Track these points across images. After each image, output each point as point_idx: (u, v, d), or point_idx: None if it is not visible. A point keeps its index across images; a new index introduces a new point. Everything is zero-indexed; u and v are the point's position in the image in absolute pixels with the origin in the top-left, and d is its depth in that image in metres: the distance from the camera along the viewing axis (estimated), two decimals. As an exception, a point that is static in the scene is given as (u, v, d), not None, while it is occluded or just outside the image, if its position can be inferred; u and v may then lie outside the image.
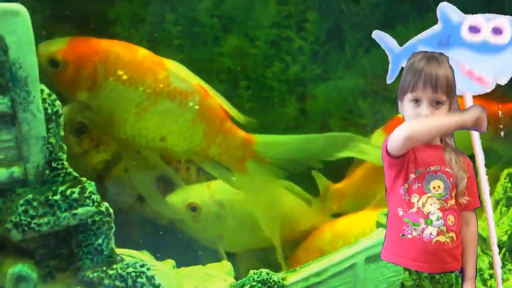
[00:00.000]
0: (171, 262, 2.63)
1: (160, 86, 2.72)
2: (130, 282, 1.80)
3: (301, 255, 3.03)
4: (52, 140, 1.77)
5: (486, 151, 3.48)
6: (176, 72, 2.79)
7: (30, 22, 1.71)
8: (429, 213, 1.84)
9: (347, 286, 2.39)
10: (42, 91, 1.74)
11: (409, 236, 1.84)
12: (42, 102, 1.74)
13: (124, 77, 2.69)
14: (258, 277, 2.13)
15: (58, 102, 1.80)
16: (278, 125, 3.80)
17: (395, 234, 1.87)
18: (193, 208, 3.01)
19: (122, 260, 1.82)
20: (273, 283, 2.13)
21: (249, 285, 2.12)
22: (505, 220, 3.04)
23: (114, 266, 1.79)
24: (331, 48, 3.85)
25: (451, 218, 1.86)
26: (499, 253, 2.91)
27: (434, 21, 4.05)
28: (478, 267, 2.77)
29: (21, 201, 1.70)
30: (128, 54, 2.74)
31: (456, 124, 1.81)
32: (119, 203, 3.17)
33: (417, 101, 1.85)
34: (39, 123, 1.73)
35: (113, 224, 1.84)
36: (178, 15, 3.54)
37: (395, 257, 1.88)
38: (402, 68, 2.10)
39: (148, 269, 1.85)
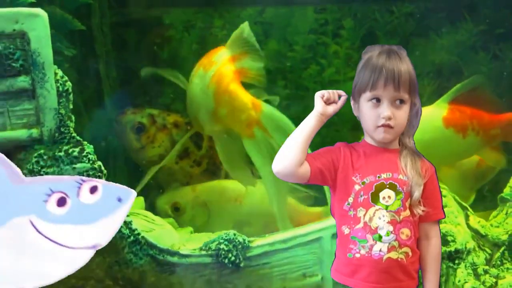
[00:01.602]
0: (189, 229, 3.13)
1: (205, 61, 3.17)
2: (110, 223, 2.33)
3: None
4: (62, 111, 2.36)
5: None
6: (221, 54, 3.17)
7: (48, 22, 2.30)
8: (377, 227, 1.66)
9: (313, 256, 2.66)
10: (56, 73, 2.34)
11: (357, 255, 1.68)
12: (56, 82, 2.33)
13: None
14: (226, 236, 2.56)
15: (68, 83, 2.39)
16: (311, 122, 4.14)
17: (342, 254, 1.73)
18: (176, 208, 3.29)
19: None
20: (237, 242, 2.55)
21: (217, 242, 2.55)
22: (510, 220, 3.07)
23: (100, 211, 2.33)
24: (366, 53, 4.16)
25: (405, 232, 1.68)
26: (498, 251, 3.04)
27: (467, 30, 4.16)
28: (472, 261, 2.93)
29: (35, 154, 2.30)
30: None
31: (313, 118, 1.70)
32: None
33: (377, 100, 1.67)
34: (52, 97, 2.33)
35: (104, 179, 2.38)
36: (225, 21, 4.01)
37: (345, 278, 1.73)
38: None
39: (127, 216, 2.36)
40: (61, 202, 1.60)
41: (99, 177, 2.38)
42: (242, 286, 2.54)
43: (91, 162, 2.36)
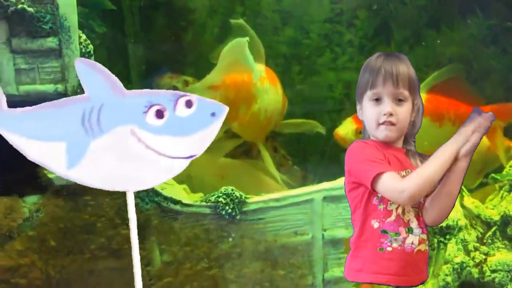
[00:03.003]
0: (200, 194, 3.39)
1: None
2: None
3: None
4: (84, 70, 2.67)
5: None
6: None
7: (75, -10, 2.63)
8: (409, 220, 1.69)
9: (304, 216, 2.85)
10: (80, 37, 2.66)
11: (389, 249, 1.68)
12: (79, 44, 2.65)
13: None
14: (224, 191, 2.81)
15: (90, 46, 2.70)
16: (324, 107, 4.33)
17: (370, 250, 1.70)
18: None
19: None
20: (235, 197, 2.80)
21: (216, 196, 2.80)
22: (504, 203, 3.18)
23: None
24: (378, 43, 4.26)
25: (424, 226, 1.74)
26: (490, 230, 3.14)
27: (477, 23, 4.29)
28: (463, 238, 3.05)
29: (59, 106, 2.62)
30: None
31: (455, 150, 1.63)
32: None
33: (377, 99, 1.71)
34: (76, 57, 2.64)
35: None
36: (245, 8, 4.24)
37: (375, 275, 1.70)
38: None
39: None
40: (159, 114, 1.68)
41: (113, 130, 2.69)
42: (237, 236, 2.79)
43: (106, 116, 2.67)
